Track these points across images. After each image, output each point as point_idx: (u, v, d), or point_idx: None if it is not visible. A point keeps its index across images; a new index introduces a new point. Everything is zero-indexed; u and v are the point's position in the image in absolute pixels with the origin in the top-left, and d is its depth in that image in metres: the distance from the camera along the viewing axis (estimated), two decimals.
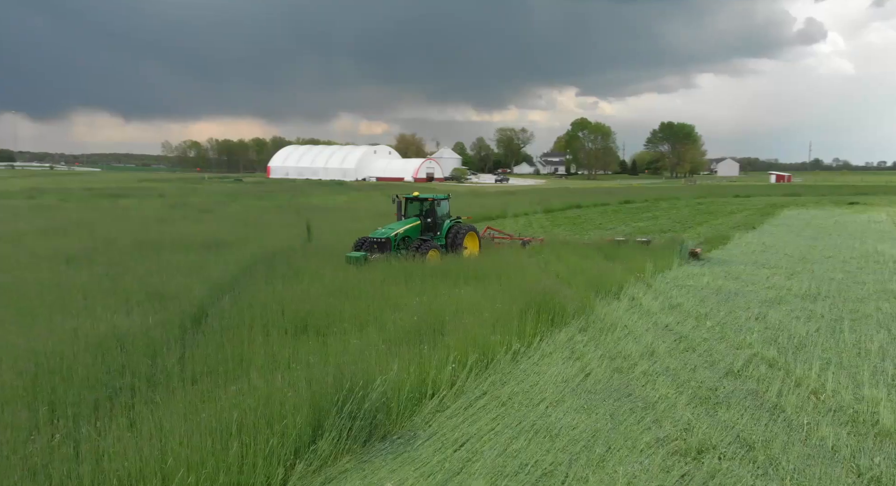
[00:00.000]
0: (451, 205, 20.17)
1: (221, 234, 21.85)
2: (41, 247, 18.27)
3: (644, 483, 5.91)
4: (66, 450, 4.96)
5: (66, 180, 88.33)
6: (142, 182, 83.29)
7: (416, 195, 18.63)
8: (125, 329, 8.42)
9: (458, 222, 18.95)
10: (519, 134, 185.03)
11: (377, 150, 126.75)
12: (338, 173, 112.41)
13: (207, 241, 19.59)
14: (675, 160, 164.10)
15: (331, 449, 6.11)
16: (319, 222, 29.43)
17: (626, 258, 18.04)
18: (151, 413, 5.84)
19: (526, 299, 11.52)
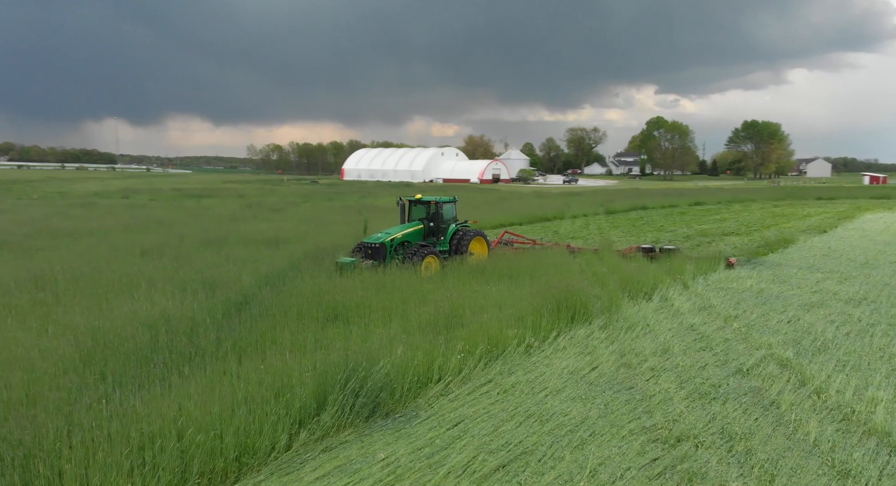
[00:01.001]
0: (509, 206, 20.59)
1: (283, 231, 23.26)
2: (123, 241, 20.17)
3: (613, 463, 6.32)
4: (101, 409, 5.94)
5: (159, 181, 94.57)
6: (226, 183, 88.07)
7: (418, 198, 17.66)
8: (174, 312, 9.54)
9: (464, 227, 17.92)
10: (590, 134, 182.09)
11: (445, 152, 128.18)
12: (406, 175, 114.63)
13: (269, 238, 20.97)
14: (759, 160, 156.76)
15: (333, 421, 6.87)
16: (377, 222, 30.59)
17: (669, 260, 18.01)
18: (181, 383, 6.79)
19: (550, 297, 11.93)
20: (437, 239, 17.03)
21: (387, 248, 15.59)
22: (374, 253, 15.54)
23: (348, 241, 20.45)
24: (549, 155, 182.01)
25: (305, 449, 6.48)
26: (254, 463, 6.06)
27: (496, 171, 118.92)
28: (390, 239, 15.89)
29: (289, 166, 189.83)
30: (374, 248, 15.63)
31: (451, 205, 17.92)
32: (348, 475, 6.06)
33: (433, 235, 17.01)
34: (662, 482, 6.00)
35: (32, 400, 6.08)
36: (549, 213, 39.85)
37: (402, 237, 16.28)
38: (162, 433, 5.64)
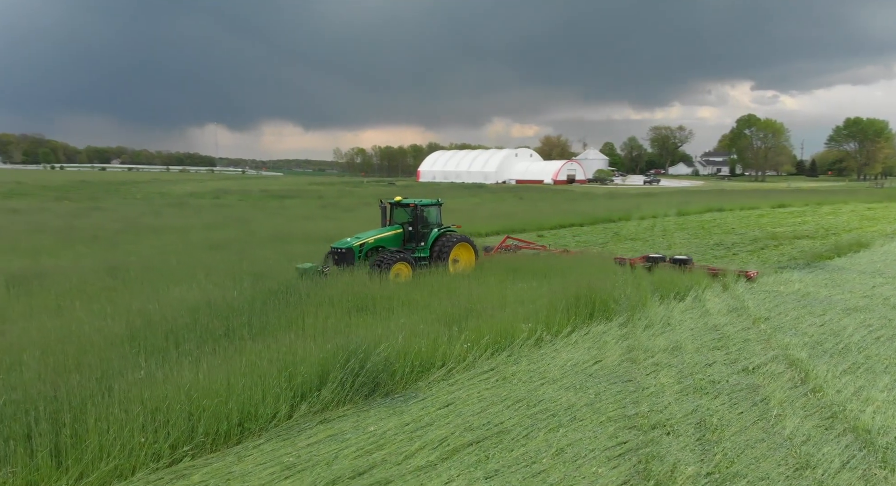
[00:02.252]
0: (574, 207, 20.65)
1: (344, 230, 24.55)
2: (199, 237, 22.06)
3: (581, 445, 6.75)
4: (129, 376, 7.02)
5: (251, 183, 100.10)
6: (310, 185, 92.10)
7: (398, 200, 16.43)
8: (218, 298, 10.69)
9: (448, 232, 16.56)
10: (675, 132, 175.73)
11: (518, 152, 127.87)
12: (479, 176, 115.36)
13: (330, 235, 22.25)
14: (863, 160, 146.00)
15: (333, 396, 7.67)
16: None
17: (717, 260, 17.76)
18: (203, 358, 7.80)
19: (572, 295, 12.28)
20: (417, 244, 15.98)
21: (354, 253, 14.73)
22: (341, 258, 14.65)
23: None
24: (630, 155, 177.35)
25: (305, 420, 7.31)
26: (255, 429, 6.95)
27: (571, 171, 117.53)
28: (360, 243, 14.99)
29: (371, 169, 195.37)
30: (340, 253, 14.78)
31: (435, 208, 16.82)
32: (337, 442, 6.82)
33: (413, 241, 15.97)
34: (619, 463, 6.38)
35: (78, 367, 7.23)
36: (616, 214, 39.40)
37: (374, 242, 15.32)
38: (175, 398, 6.61)
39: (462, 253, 16.38)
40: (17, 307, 10.29)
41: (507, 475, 6.14)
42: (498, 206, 45.89)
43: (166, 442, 6.25)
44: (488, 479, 6.06)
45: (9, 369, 7.05)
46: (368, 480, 6.01)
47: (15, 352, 7.66)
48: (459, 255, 16.33)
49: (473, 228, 28.98)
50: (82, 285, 12.06)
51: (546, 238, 27.98)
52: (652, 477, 6.05)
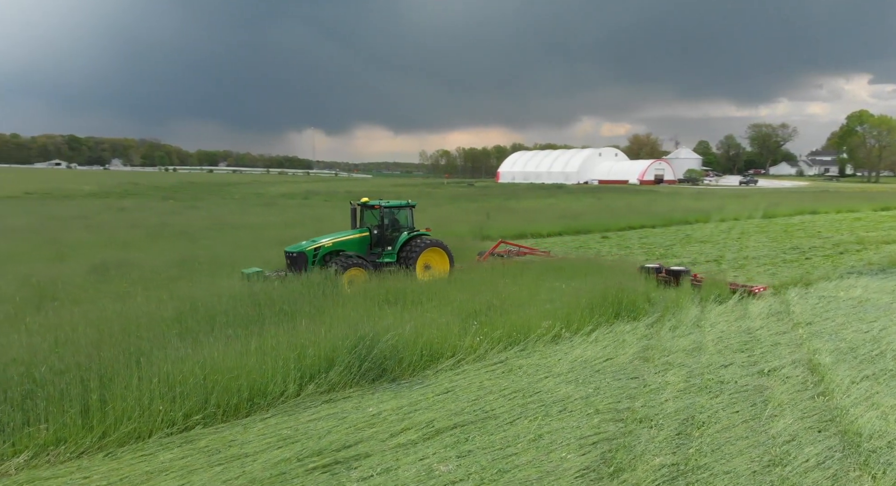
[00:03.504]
0: (650, 207, 20.22)
1: None
2: (272, 234, 23.58)
3: (559, 433, 7.04)
4: (159, 353, 8.00)
5: (340, 185, 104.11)
6: (393, 186, 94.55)
7: (365, 202, 15.60)
8: (261, 289, 11.69)
9: (419, 236, 15.55)
10: (777, 130, 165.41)
11: (602, 152, 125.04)
12: (560, 177, 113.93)
13: None
14: None
15: (340, 379, 8.33)
16: (504, 222, 31.86)
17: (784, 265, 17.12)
18: (226, 339, 8.70)
19: (600, 294, 12.37)
20: (384, 249, 15.20)
21: (307, 257, 14.03)
22: (293, 262, 14.04)
23: (453, 240, 21.95)
24: (727, 154, 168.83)
25: (311, 399, 8.01)
26: (264, 404, 7.71)
27: (659, 171, 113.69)
28: (314, 247, 14.21)
29: (454, 170, 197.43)
30: (292, 256, 14.13)
31: (405, 210, 15.94)
32: (336, 420, 7.46)
33: (380, 245, 15.20)
34: (589, 450, 6.62)
35: (118, 344, 8.29)
36: (694, 216, 38.14)
37: (332, 245, 14.52)
38: (192, 373, 7.49)
39: (434, 258, 15.28)
40: (90, 291, 11.73)
41: (479, 455, 6.54)
42: (571, 206, 45.51)
43: (181, 411, 7.11)
44: (459, 458, 6.49)
45: (64, 342, 8.21)
46: (351, 452, 6.59)
47: (72, 329, 8.87)
48: (431, 260, 15.23)
49: (534, 228, 29.20)
50: (151, 275, 13.46)
51: (610, 239, 27.67)
52: (613, 464, 6.27)
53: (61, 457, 6.34)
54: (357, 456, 6.51)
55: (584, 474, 6.12)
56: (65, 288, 12.07)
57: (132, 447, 6.67)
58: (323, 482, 6.00)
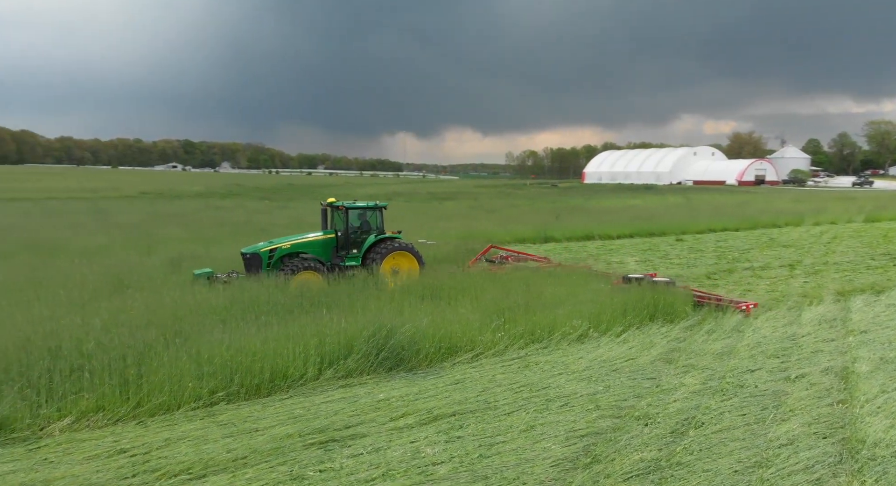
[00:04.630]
0: (736, 210, 19.36)
1: (470, 229, 25.88)
2: None
3: (553, 426, 7.21)
4: (195, 337, 8.85)
5: (424, 186, 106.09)
6: (476, 188, 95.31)
7: (330, 202, 15.11)
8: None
9: (387, 239, 14.96)
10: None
11: (697, 151, 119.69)
12: (651, 177, 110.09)
13: (448, 234, 23.78)
14: None
15: (357, 366, 8.87)
16: (566, 222, 31.56)
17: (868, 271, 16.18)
18: (258, 326, 9.47)
19: (636, 296, 12.26)
20: (348, 252, 14.75)
21: (262, 259, 13.78)
22: (248, 264, 13.86)
23: (509, 238, 22.13)
24: (840, 153, 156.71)
25: (328, 383, 8.59)
26: (283, 385, 8.36)
27: (760, 171, 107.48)
28: (270, 249, 13.96)
29: (541, 171, 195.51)
30: (247, 258, 13.92)
31: (373, 212, 15.31)
32: (347, 403, 7.99)
33: (346, 248, 14.79)
34: (574, 442, 6.77)
35: (163, 327, 9.23)
36: (785, 218, 36.09)
37: (290, 247, 14.18)
38: (220, 354, 8.25)
39: (402, 262, 14.73)
40: (157, 281, 12.97)
41: (467, 441, 6.84)
42: (652, 207, 44.26)
43: (207, 388, 7.88)
44: (447, 442, 6.82)
45: (117, 323, 9.25)
46: (349, 432, 7.08)
47: (130, 312, 9.94)
48: (400, 264, 14.67)
49: (603, 229, 28.80)
50: (217, 268, 14.63)
51: (684, 242, 26.79)
52: (592, 456, 6.39)
53: (99, 423, 7.23)
54: (354, 436, 6.99)
55: (560, 463, 6.29)
56: (139, 278, 13.39)
57: (161, 418, 7.48)
58: (315, 456, 6.52)
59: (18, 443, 6.76)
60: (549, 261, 18.42)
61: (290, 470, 6.19)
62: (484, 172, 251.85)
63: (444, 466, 6.27)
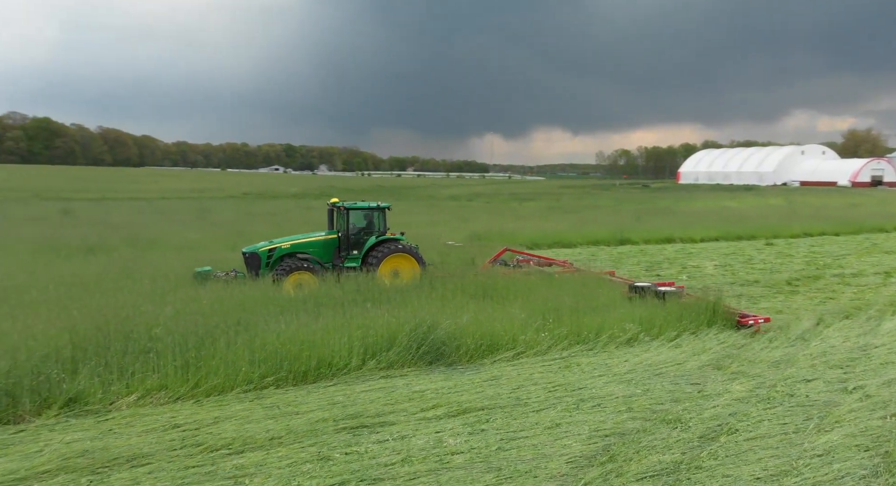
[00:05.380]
0: (841, 213, 18.49)
1: (542, 229, 25.79)
2: (411, 233, 25.34)
3: (577, 425, 7.25)
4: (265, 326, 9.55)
5: (508, 187, 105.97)
6: (560, 188, 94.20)
7: (333, 202, 15.09)
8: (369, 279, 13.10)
9: (389, 240, 14.76)
10: None
11: (805, 150, 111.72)
12: (753, 178, 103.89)
13: (513, 232, 23.94)
14: None
15: (397, 358, 9.24)
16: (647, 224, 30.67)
17: None
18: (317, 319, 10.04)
19: (694, 301, 11.94)
20: (349, 252, 14.74)
21: (260, 258, 13.95)
22: (248, 263, 14.09)
23: (582, 240, 21.86)
24: None
25: (370, 373, 9.01)
26: (329, 373, 8.86)
27: (877, 171, 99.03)
28: (269, 248, 14.11)
29: (634, 171, 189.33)
30: (247, 257, 14.16)
31: (376, 213, 15.22)
32: (384, 393, 8.37)
33: (348, 249, 14.78)
34: (596, 441, 6.78)
35: (231, 316, 9.99)
36: (894, 223, 33.36)
37: (290, 247, 14.27)
38: (271, 343, 8.87)
39: (403, 264, 14.55)
40: None
41: (489, 434, 7.03)
42: (748, 209, 42.13)
43: (258, 373, 8.51)
44: (471, 434, 7.03)
45: (189, 311, 10.12)
46: (379, 420, 7.45)
47: (201, 302, 10.82)
48: (400, 266, 14.49)
49: (687, 233, 27.90)
50: None
51: (774, 247, 25.46)
52: (609, 455, 6.39)
53: (161, 400, 8.00)
54: (383, 423, 7.35)
55: (575, 460, 6.34)
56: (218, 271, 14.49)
57: (215, 398, 8.16)
58: (344, 440, 6.92)
59: (90, 415, 7.60)
60: (570, 266, 17.65)
61: (318, 451, 6.62)
62: (573, 173, 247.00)
63: (461, 456, 6.49)
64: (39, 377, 7.78)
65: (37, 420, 7.39)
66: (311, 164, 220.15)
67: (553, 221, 31.61)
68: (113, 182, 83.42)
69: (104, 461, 6.33)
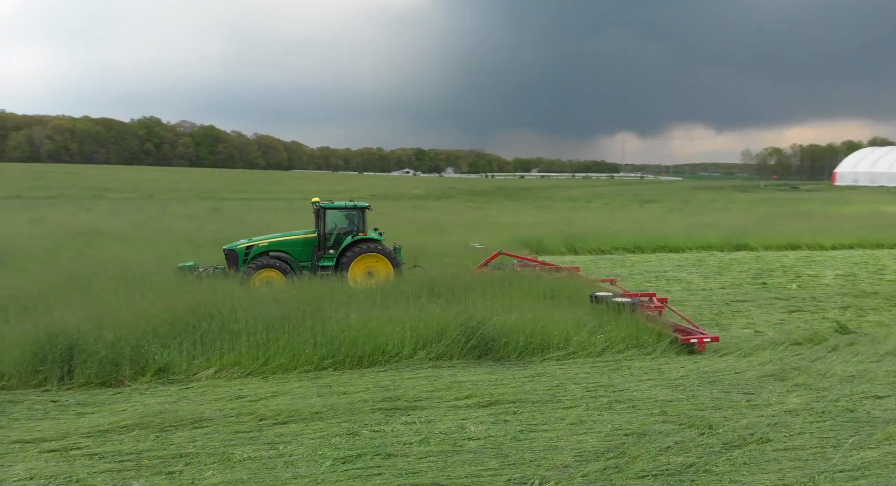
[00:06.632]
0: None
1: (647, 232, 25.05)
2: (500, 233, 25.73)
3: (602, 423, 7.33)
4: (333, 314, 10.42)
5: (636, 188, 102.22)
6: (696, 189, 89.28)
7: (315, 201, 15.20)
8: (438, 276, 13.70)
9: (364, 241, 14.65)
10: None
11: None
12: None
13: (614, 235, 23.49)
14: None
15: (447, 350, 9.71)
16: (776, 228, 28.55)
17: None
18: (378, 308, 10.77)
19: None
20: (325, 251, 14.88)
21: (238, 255, 14.37)
22: (228, 259, 14.53)
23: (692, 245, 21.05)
24: None
25: (420, 362, 9.57)
26: (382, 360, 9.53)
27: None
28: (247, 246, 14.49)
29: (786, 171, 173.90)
30: (226, 253, 14.60)
31: (353, 213, 15.23)
32: (429, 381, 8.89)
33: (326, 248, 14.95)
34: (612, 439, 6.84)
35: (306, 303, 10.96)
36: None
37: (267, 245, 14.59)
38: (332, 330, 9.71)
39: (377, 265, 14.57)
40: None
41: (511, 425, 7.31)
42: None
43: (318, 355, 9.38)
44: (493, 424, 7.36)
45: (270, 298, 11.27)
46: (413, 404, 7.97)
47: (282, 292, 11.99)
48: (374, 267, 14.55)
49: (817, 239, 26.01)
50: None
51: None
52: (619, 452, 6.46)
53: (234, 374, 9.09)
54: (415, 407, 7.87)
55: (583, 454, 6.47)
56: None
57: (280, 376, 9.13)
58: (375, 419, 7.53)
59: (175, 383, 8.83)
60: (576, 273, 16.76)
61: (350, 427, 7.27)
62: (716, 173, 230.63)
63: (476, 442, 6.84)
64: (141, 349, 9.16)
65: (132, 385, 8.73)
66: (438, 166, 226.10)
67: (666, 224, 30.40)
68: (264, 184, 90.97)
69: (172, 421, 7.40)
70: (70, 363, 8.76)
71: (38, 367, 8.63)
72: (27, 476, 6.02)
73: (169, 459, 6.46)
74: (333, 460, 6.41)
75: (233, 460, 6.43)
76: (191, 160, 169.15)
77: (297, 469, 6.21)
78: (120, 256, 17.13)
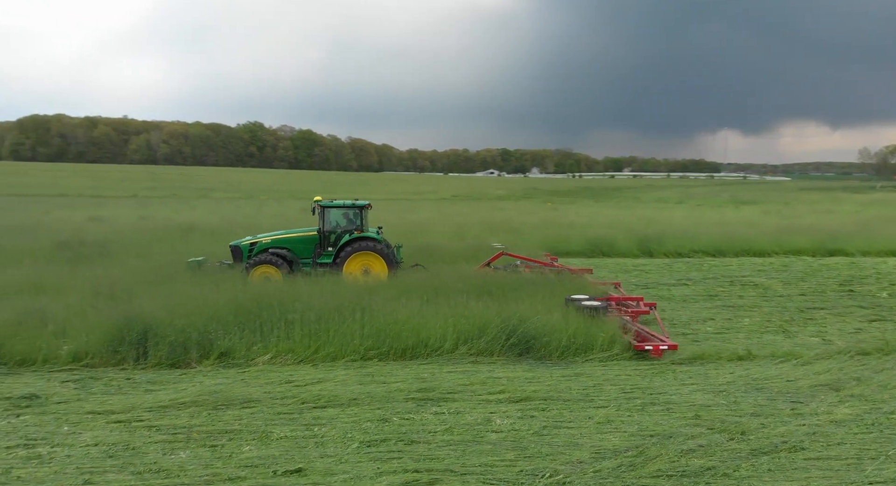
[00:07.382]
0: None
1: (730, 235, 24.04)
2: (561, 233, 25.43)
3: (630, 424, 7.30)
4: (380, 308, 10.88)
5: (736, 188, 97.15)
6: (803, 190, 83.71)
7: (316, 200, 15.49)
8: (470, 273, 13.89)
9: (362, 239, 14.85)
10: None
11: None
12: None
13: (693, 236, 22.71)
14: None
15: (487, 347, 9.89)
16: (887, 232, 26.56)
17: None
18: (423, 303, 11.10)
19: None
20: (324, 249, 15.19)
21: (242, 252, 15.08)
22: (233, 254, 15.24)
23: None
24: None
25: (460, 356, 9.81)
26: (424, 353, 9.85)
27: None
28: (251, 242, 15.16)
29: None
30: (232, 249, 15.29)
31: (352, 211, 15.49)
32: (467, 375, 9.12)
33: (326, 246, 15.24)
34: (634, 439, 6.82)
35: (359, 297, 11.48)
36: None
37: (270, 242, 15.15)
38: (378, 324, 10.14)
39: (374, 263, 14.69)
40: None
41: (537, 421, 7.43)
42: None
43: (364, 346, 9.85)
44: (519, 418, 7.50)
45: (327, 292, 11.86)
46: (446, 396, 8.23)
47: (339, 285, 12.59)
48: (370, 264, 14.69)
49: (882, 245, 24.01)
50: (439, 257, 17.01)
51: None
52: (638, 451, 6.45)
53: (288, 361, 9.71)
54: (447, 399, 8.14)
55: (601, 452, 6.50)
56: None
57: (328, 364, 9.65)
58: (408, 408, 7.85)
59: (235, 367, 9.55)
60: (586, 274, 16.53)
61: (382, 414, 7.65)
62: (830, 172, 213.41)
63: (498, 435, 7.03)
64: (207, 335, 9.98)
65: (198, 367, 9.54)
66: (523, 167, 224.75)
67: (756, 227, 28.89)
68: (355, 185, 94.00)
69: (224, 400, 8.07)
70: (145, 346, 9.68)
71: (118, 348, 9.61)
72: (92, 443, 6.80)
73: (216, 433, 7.08)
74: (360, 442, 6.80)
75: (270, 438, 6.96)
76: (290, 162, 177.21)
77: (325, 449, 6.65)
78: (206, 250, 18.49)
